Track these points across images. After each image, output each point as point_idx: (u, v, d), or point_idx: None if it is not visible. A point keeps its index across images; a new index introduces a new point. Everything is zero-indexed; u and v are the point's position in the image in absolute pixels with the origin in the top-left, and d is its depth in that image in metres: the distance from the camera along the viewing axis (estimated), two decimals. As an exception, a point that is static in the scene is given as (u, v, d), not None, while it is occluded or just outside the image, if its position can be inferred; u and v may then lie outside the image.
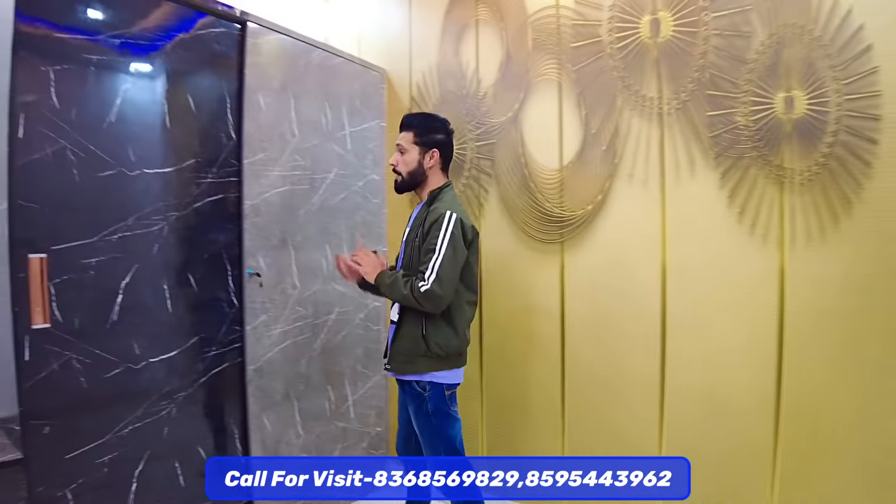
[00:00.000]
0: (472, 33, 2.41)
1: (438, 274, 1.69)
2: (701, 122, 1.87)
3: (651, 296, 1.98)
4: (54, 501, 1.54)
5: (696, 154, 1.88)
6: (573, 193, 2.16)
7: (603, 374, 2.10)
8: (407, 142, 1.85)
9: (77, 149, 1.60)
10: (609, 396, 2.09)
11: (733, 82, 1.80)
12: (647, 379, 1.99)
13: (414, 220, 1.88)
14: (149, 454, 1.77)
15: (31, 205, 1.51)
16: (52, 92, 1.55)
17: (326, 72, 2.37)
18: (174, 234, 1.85)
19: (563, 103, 2.17)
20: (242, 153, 2.04)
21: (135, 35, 1.73)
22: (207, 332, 1.96)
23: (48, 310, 1.54)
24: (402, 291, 1.72)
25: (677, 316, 1.94)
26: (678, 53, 1.90)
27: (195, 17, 1.89)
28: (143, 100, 1.76)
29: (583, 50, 2.11)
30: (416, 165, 1.85)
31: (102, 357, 1.66)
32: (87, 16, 1.64)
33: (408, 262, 1.84)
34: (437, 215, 1.75)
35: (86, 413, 1.63)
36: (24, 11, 1.48)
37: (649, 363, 1.99)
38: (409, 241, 1.86)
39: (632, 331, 2.03)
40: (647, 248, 1.99)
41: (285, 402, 2.20)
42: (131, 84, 1.73)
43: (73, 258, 1.60)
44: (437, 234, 1.72)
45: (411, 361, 1.77)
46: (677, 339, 1.94)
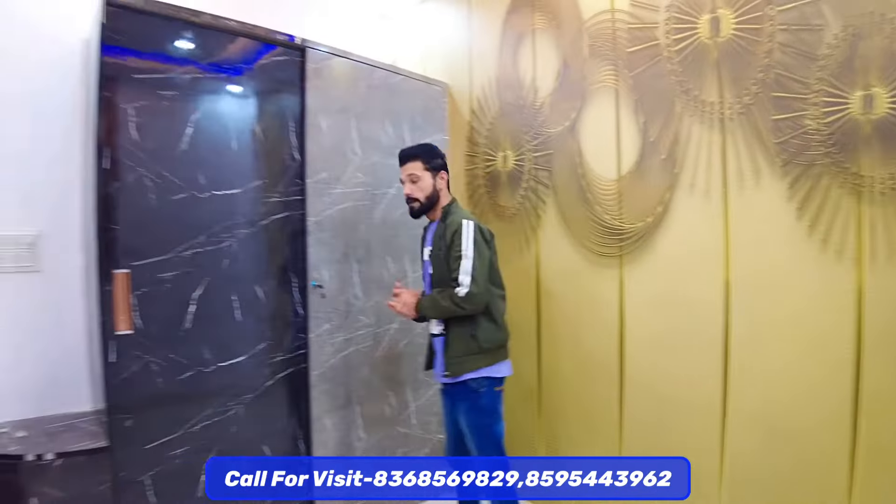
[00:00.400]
0: (530, 43, 2.39)
1: (472, 275, 1.83)
2: (766, 127, 1.71)
3: (713, 313, 1.84)
4: (134, 486, 1.76)
5: (762, 162, 1.73)
6: (632, 205, 2.07)
7: (662, 393, 1.99)
8: (418, 170, 1.98)
9: (153, 176, 1.81)
10: (668, 416, 1.98)
11: (802, 82, 1.63)
12: (708, 400, 1.85)
13: (434, 238, 1.99)
14: (217, 450, 1.95)
15: (115, 227, 1.73)
16: (132, 127, 1.77)
17: (387, 90, 2.46)
18: (242, 249, 2.03)
19: (620, 111, 2.09)
20: (305, 173, 2.18)
21: (203, 70, 1.92)
22: (274, 339, 2.12)
23: (130, 318, 1.76)
24: (443, 305, 1.86)
25: (741, 336, 1.79)
26: (740, 53, 1.76)
27: (258, 49, 2.06)
28: (211, 128, 1.95)
29: (639, 54, 2.01)
30: (431, 189, 1.99)
31: (177, 360, 1.87)
32: (160, 56, 1.85)
33: (438, 276, 1.97)
34: (456, 226, 1.90)
35: (162, 409, 1.84)
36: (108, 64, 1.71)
37: (711, 384, 1.85)
38: (434, 256, 1.98)
39: (693, 349, 1.90)
40: (709, 263, 1.85)
41: (347, 406, 2.32)
42: (200, 115, 1.92)
43: (151, 273, 1.81)
44: (461, 242, 1.87)
45: (466, 361, 1.90)
46: (741, 360, 1.79)
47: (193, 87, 1.91)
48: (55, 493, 1.67)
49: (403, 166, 2.00)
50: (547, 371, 2.38)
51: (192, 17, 1.88)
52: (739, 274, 1.79)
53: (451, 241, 1.89)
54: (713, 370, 1.85)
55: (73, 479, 1.69)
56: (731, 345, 1.81)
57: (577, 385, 2.26)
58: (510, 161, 2.49)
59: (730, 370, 1.81)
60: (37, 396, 1.94)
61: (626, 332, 2.10)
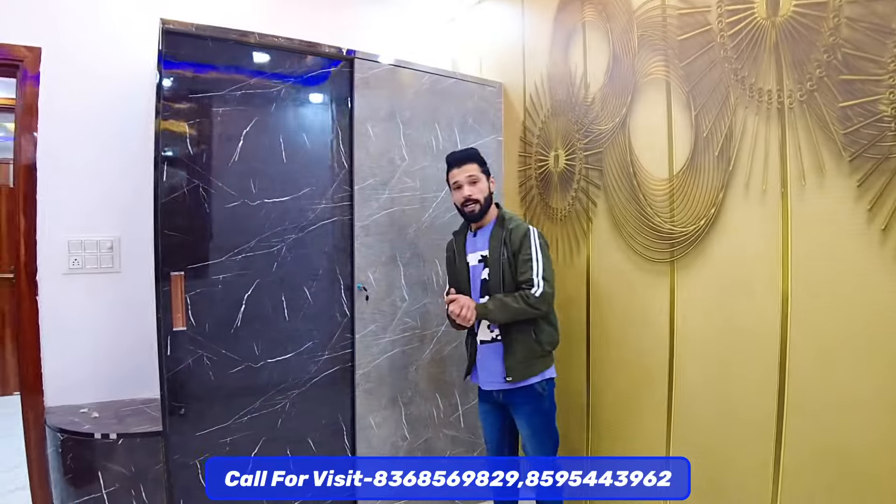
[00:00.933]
0: (580, 37, 2.27)
1: (544, 276, 1.90)
2: (832, 115, 1.47)
3: (769, 331, 1.62)
4: (185, 468, 1.94)
5: (826, 156, 1.49)
6: (684, 206, 1.89)
7: (712, 414, 1.80)
8: (476, 171, 2.02)
9: (208, 186, 1.97)
10: (717, 439, 1.78)
11: (876, 60, 1.38)
12: (762, 427, 1.64)
13: (491, 241, 2.00)
14: (264, 440, 2.08)
15: (172, 233, 1.91)
16: (188, 142, 1.94)
17: (436, 94, 2.47)
18: (291, 253, 2.14)
19: (671, 104, 1.91)
20: (353, 180, 2.25)
21: (252, 86, 2.05)
22: (320, 339, 2.22)
23: (185, 316, 1.94)
24: (515, 307, 1.89)
25: (801, 359, 1.56)
26: (802, 32, 1.53)
27: (306, 63, 2.16)
28: (261, 140, 2.08)
29: (691, 42, 1.83)
30: (488, 192, 2.04)
31: (227, 356, 2.02)
32: (212, 76, 2.00)
33: (496, 280, 1.97)
34: (522, 231, 1.96)
35: (213, 400, 2.00)
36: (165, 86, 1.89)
37: (764, 408, 1.64)
38: (492, 261, 1.99)
39: (746, 369, 1.69)
40: (764, 272, 1.64)
41: (392, 405, 2.36)
42: (251, 128, 2.05)
43: (205, 275, 1.98)
44: (530, 245, 1.93)
45: (531, 365, 1.94)
46: (801, 387, 1.56)
47: (244, 102, 2.05)
48: (118, 469, 1.89)
49: (460, 168, 2.02)
50: (597, 380, 2.25)
51: (241, 37, 2.03)
52: (800, 286, 1.56)
53: (519, 246, 1.93)
54: (767, 396, 1.63)
55: (133, 458, 1.90)
56: (789, 369, 1.58)
57: (625, 395, 2.12)
58: (562, 161, 2.39)
59: (787, 398, 1.59)
60: (114, 382, 2.21)
61: (677, 346, 1.92)
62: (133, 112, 2.15)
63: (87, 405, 2.12)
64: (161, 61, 1.87)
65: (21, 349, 2.07)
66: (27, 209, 2.04)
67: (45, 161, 2.10)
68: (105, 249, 2.22)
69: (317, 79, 2.20)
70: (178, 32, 1.90)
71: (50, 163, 2.11)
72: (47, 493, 2.01)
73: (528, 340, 1.93)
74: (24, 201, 2.03)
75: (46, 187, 2.11)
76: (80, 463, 1.88)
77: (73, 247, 2.18)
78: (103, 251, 2.22)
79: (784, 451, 1.60)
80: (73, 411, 2.07)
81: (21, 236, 2.03)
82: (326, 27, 2.74)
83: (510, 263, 1.95)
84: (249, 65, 2.07)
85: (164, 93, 1.89)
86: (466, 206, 2.01)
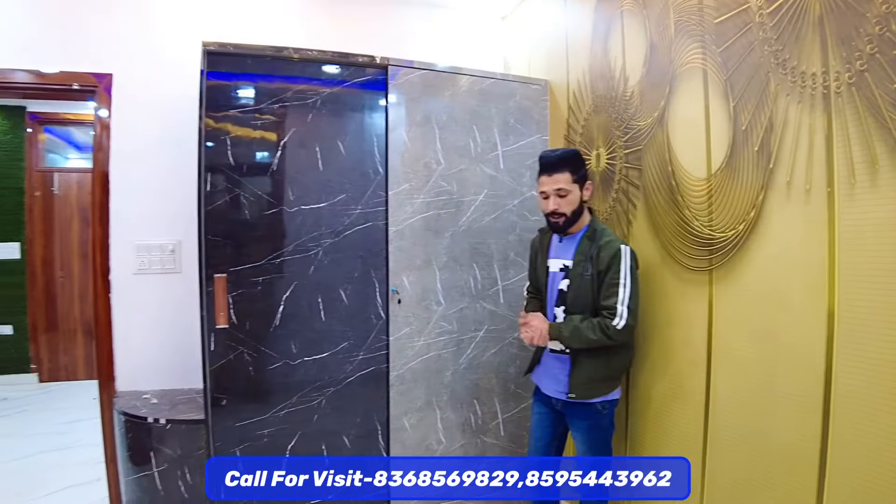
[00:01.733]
0: (619, 27, 2.11)
1: (629, 307, 1.78)
2: (886, 99, 1.24)
3: (813, 349, 1.40)
4: (225, 455, 2.08)
5: (879, 148, 1.26)
6: (723, 209, 1.69)
7: (750, 439, 1.59)
8: (567, 183, 1.86)
9: (248, 194, 2.11)
10: (755, 467, 1.58)
11: (935, 33, 1.14)
12: (803, 458, 1.42)
13: (577, 254, 1.90)
14: (299, 434, 2.19)
15: (216, 238, 2.07)
16: (229, 154, 2.08)
17: (476, 96, 2.43)
18: (327, 256, 2.22)
19: (709, 95, 1.72)
20: (388, 185, 2.29)
21: (289, 98, 2.16)
22: (356, 339, 2.28)
23: (228, 315, 2.09)
24: (591, 337, 1.79)
25: (848, 380, 1.33)
26: (849, 2, 1.30)
27: (340, 73, 2.23)
28: (297, 150, 2.18)
29: (728, 24, 1.63)
30: (578, 203, 1.90)
31: (266, 353, 2.15)
32: (250, 91, 2.14)
33: (575, 296, 1.88)
34: (614, 250, 1.81)
35: (252, 394, 2.14)
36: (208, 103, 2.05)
37: (806, 437, 1.42)
38: (575, 274, 1.89)
39: (787, 391, 1.48)
40: (809, 283, 1.42)
41: (427, 408, 2.37)
42: (288, 138, 2.16)
43: (246, 277, 2.12)
44: (620, 268, 1.80)
45: (596, 387, 1.87)
46: (847, 411, 1.33)
47: (281, 114, 2.16)
48: (167, 451, 2.09)
49: (550, 177, 1.87)
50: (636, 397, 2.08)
51: (277, 53, 2.14)
52: (847, 301, 1.34)
53: (607, 266, 1.81)
54: (810, 424, 1.41)
55: (179, 442, 2.09)
56: (834, 396, 1.36)
57: (660, 414, 1.95)
58: (603, 160, 2.24)
59: (832, 423, 1.36)
60: (174, 372, 2.45)
61: (714, 363, 1.73)
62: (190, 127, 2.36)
63: (150, 392, 2.37)
64: (203, 80, 2.03)
65: (97, 340, 2.37)
66: (101, 216, 2.32)
67: (116, 173, 2.38)
68: (168, 252, 2.47)
69: (351, 88, 2.26)
70: (218, 52, 2.05)
71: (120, 175, 2.39)
72: (116, 467, 2.28)
73: (598, 363, 1.85)
74: (99, 209, 2.32)
75: (117, 197, 2.39)
76: (136, 442, 2.11)
77: (141, 250, 2.45)
78: (166, 254, 2.46)
79: (827, 486, 1.37)
80: (138, 397, 2.32)
81: (96, 241, 2.32)
82: (374, 38, 2.84)
83: (593, 281, 1.84)
84: (286, 78, 2.17)
85: (206, 108, 2.05)
86: (551, 217, 1.90)
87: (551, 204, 1.86)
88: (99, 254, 2.32)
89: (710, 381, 1.75)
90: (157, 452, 2.08)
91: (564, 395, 1.90)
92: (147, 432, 2.09)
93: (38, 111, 4.59)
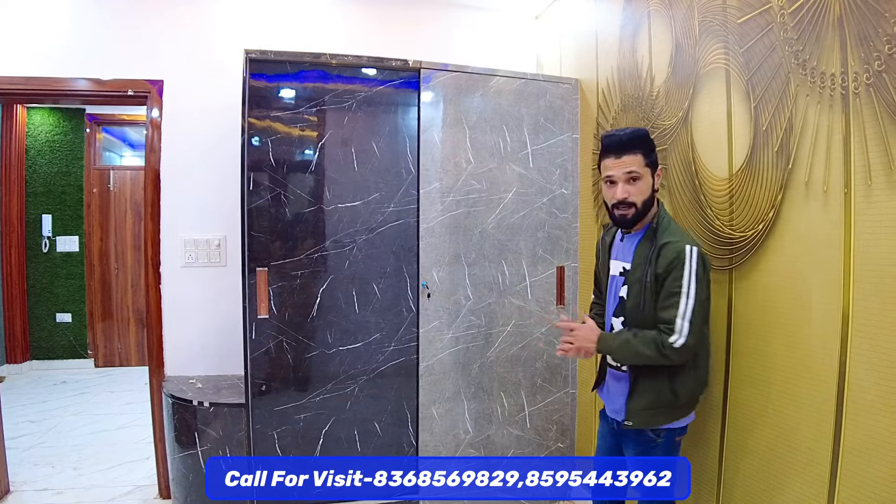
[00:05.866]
0: (646, 26, 2.13)
1: (690, 319, 1.48)
2: (902, 101, 1.25)
3: (827, 355, 1.42)
4: (264, 438, 2.23)
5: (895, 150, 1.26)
6: (743, 208, 1.71)
7: (765, 443, 1.61)
8: (640, 166, 1.58)
9: (287, 193, 2.23)
10: (770, 471, 1.59)
11: (952, 34, 1.15)
12: (816, 466, 1.44)
13: (636, 255, 1.64)
14: (333, 420, 2.31)
15: (258, 234, 2.20)
16: (270, 156, 2.21)
17: (506, 97, 2.49)
18: (361, 252, 2.33)
19: (731, 95, 1.73)
20: (420, 185, 2.38)
21: (326, 102, 2.27)
22: (388, 331, 2.39)
23: (268, 306, 2.22)
24: (644, 354, 1.52)
25: (863, 390, 1.34)
26: (869, 3, 1.31)
27: (375, 77, 2.32)
28: (334, 151, 2.29)
29: (751, 24, 1.65)
30: (650, 192, 1.61)
31: (304, 342, 2.27)
32: (289, 96, 2.26)
33: (634, 304, 1.62)
34: (676, 253, 1.52)
35: (290, 381, 2.27)
36: (250, 106, 2.18)
37: (819, 445, 1.43)
38: (633, 280, 1.62)
39: (801, 397, 1.49)
40: (824, 286, 1.44)
41: (455, 398, 2.45)
42: (325, 140, 2.28)
43: (285, 271, 2.24)
44: (682, 274, 1.50)
45: (656, 416, 1.61)
46: (861, 422, 1.34)
47: (319, 116, 2.28)
48: (211, 433, 2.23)
49: (619, 158, 1.58)
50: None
51: (315, 59, 2.26)
52: (863, 305, 1.35)
53: (667, 271, 1.52)
54: (822, 430, 1.42)
55: (222, 424, 2.23)
56: (848, 400, 1.37)
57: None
58: (629, 160, 2.27)
59: (845, 433, 1.38)
60: (219, 358, 2.61)
61: (733, 366, 1.75)
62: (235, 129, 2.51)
63: (196, 377, 2.54)
64: (246, 85, 2.17)
65: (148, 328, 2.55)
66: (153, 212, 2.50)
67: (166, 172, 2.56)
68: (214, 247, 2.62)
69: (385, 90, 2.35)
70: (259, 59, 2.18)
71: (170, 174, 2.56)
72: (164, 447, 2.46)
73: (659, 389, 1.57)
74: (151, 206, 2.50)
75: (168, 194, 2.56)
76: (182, 424, 2.26)
77: (188, 244, 2.61)
78: (212, 248, 2.62)
79: (838, 498, 1.39)
80: (184, 381, 2.49)
81: (148, 235, 2.50)
82: (411, 39, 2.92)
83: (653, 289, 1.56)
84: (323, 83, 2.29)
85: (249, 111, 2.18)
86: (618, 208, 1.60)
87: (619, 192, 1.57)
88: (151, 247, 2.50)
89: (728, 387, 1.77)
90: (202, 434, 2.24)
91: (620, 419, 1.67)
92: (192, 415, 2.25)
93: (95, 112, 4.90)
